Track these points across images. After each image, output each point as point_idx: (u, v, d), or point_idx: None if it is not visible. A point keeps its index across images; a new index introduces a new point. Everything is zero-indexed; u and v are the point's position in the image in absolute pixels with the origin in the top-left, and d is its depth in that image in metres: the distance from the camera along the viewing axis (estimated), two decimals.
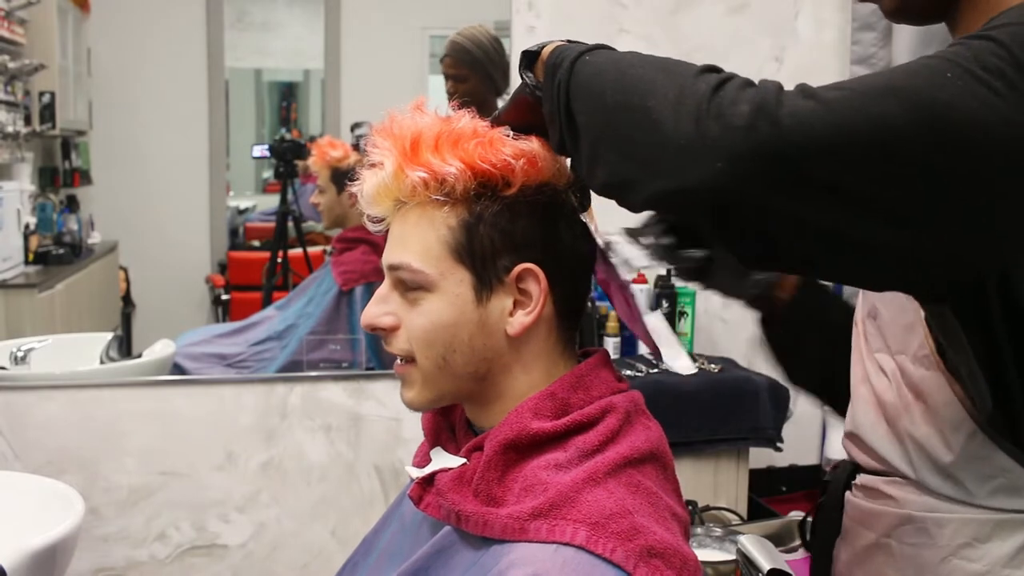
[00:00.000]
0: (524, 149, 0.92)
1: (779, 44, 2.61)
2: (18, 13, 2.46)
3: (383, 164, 0.93)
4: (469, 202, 0.92)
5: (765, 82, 0.74)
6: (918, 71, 0.73)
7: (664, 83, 0.76)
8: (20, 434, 2.23)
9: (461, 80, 2.61)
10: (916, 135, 0.70)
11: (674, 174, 0.74)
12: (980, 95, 0.70)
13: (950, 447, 0.92)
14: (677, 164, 0.73)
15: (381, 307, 0.96)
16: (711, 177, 0.71)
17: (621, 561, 0.81)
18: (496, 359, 0.94)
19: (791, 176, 0.71)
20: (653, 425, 0.96)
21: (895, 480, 0.98)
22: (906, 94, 0.71)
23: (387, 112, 0.95)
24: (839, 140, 0.70)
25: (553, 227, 0.93)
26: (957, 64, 0.72)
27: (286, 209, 2.78)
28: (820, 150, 0.70)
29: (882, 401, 1.01)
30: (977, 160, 0.71)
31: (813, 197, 0.71)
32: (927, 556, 0.91)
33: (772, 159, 0.70)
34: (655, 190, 0.76)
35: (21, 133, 2.47)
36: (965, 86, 0.70)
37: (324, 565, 2.41)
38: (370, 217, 0.97)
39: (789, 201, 0.71)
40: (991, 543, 0.90)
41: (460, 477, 0.91)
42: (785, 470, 2.53)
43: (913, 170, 0.70)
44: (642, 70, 0.79)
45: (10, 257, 2.46)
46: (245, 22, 2.82)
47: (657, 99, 0.76)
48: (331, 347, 2.58)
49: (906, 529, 0.93)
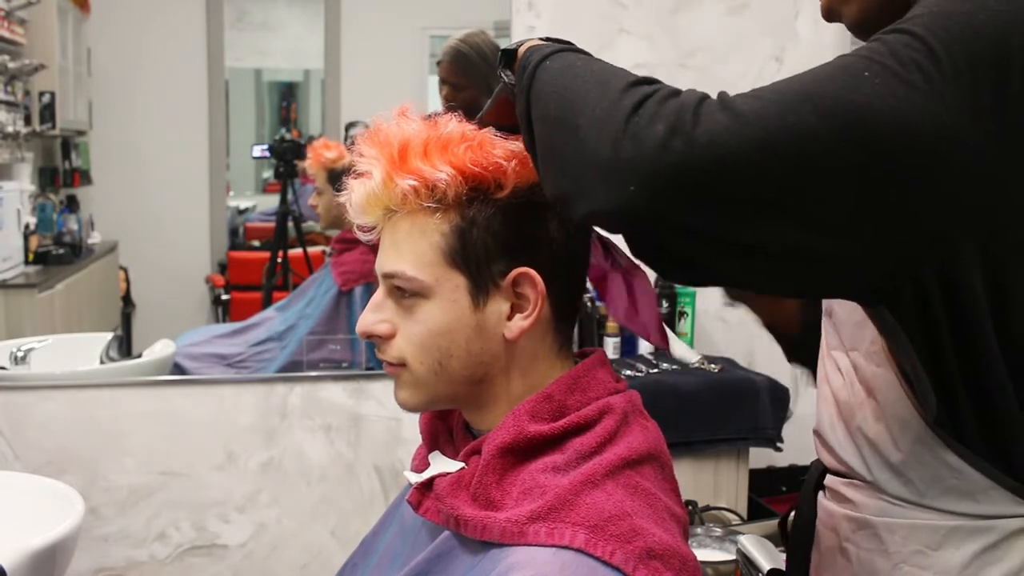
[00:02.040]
0: (514, 150, 0.92)
1: (779, 44, 2.61)
2: (18, 13, 2.46)
3: (371, 173, 0.92)
4: (461, 207, 0.91)
5: (688, 94, 0.73)
6: (833, 74, 0.72)
7: (595, 100, 0.76)
8: (20, 434, 2.23)
9: (459, 88, 2.57)
10: (835, 141, 0.69)
11: (594, 195, 0.73)
12: (899, 92, 0.69)
13: (899, 446, 0.90)
14: (596, 185, 0.73)
15: (377, 315, 0.95)
16: (625, 199, 0.70)
17: (621, 563, 0.81)
18: (493, 363, 0.93)
19: (706, 194, 0.70)
20: (651, 425, 0.96)
21: (853, 483, 0.96)
22: (823, 100, 0.70)
23: (374, 119, 0.94)
24: (756, 156, 0.69)
25: (547, 228, 0.92)
26: (873, 61, 0.71)
27: (286, 209, 2.78)
28: (736, 166, 0.69)
29: (838, 399, 0.99)
30: (902, 157, 0.70)
31: (732, 213, 0.70)
32: (880, 563, 0.90)
33: (685, 178, 0.69)
34: (583, 210, 0.76)
35: (21, 133, 2.47)
36: (883, 84, 0.69)
37: (324, 565, 2.41)
38: (360, 226, 0.96)
39: (707, 219, 0.70)
40: (943, 551, 0.87)
41: (458, 481, 0.91)
42: (785, 470, 2.53)
43: (835, 175, 0.69)
44: (582, 83, 0.79)
45: (10, 257, 2.46)
46: (245, 22, 2.82)
47: (586, 117, 0.75)
48: (331, 347, 2.58)
49: (862, 534, 0.92)
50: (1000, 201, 0.74)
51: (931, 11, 0.73)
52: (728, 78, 2.55)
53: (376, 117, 0.94)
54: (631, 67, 0.82)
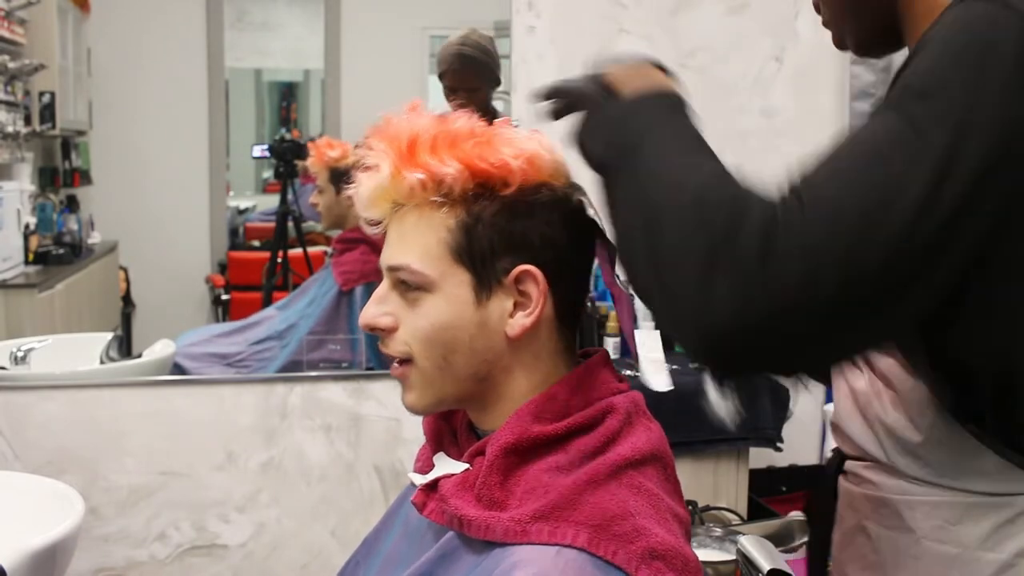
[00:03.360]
0: (523, 148, 0.92)
1: (779, 44, 2.60)
2: (18, 13, 2.46)
3: (379, 166, 0.92)
4: (468, 203, 0.91)
5: (761, 226, 0.73)
6: (885, 221, 0.72)
7: (691, 235, 0.76)
8: (20, 434, 2.23)
9: (473, 91, 2.55)
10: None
11: (686, 334, 0.77)
12: (915, 193, 0.71)
13: (918, 429, 0.93)
14: (686, 327, 0.76)
15: (380, 307, 0.95)
16: (727, 353, 0.75)
17: (623, 563, 0.81)
18: (496, 361, 0.94)
19: (793, 340, 0.73)
20: (654, 426, 0.96)
21: (872, 465, 0.99)
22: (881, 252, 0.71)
23: (383, 114, 0.94)
24: (838, 297, 0.71)
25: (553, 227, 0.92)
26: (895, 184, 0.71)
27: (286, 209, 2.78)
28: (828, 311, 0.72)
29: (855, 391, 1.03)
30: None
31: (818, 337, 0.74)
32: (902, 539, 0.92)
33: (765, 337, 0.73)
34: (672, 331, 0.80)
35: (21, 133, 2.47)
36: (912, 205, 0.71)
37: (324, 565, 2.41)
38: (367, 219, 0.96)
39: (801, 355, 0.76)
40: (962, 525, 0.91)
41: (463, 482, 0.91)
42: (785, 470, 2.53)
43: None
44: (676, 197, 0.78)
45: (10, 257, 2.46)
46: (245, 22, 2.83)
47: (669, 251, 0.77)
48: (331, 347, 2.58)
49: (883, 512, 0.95)
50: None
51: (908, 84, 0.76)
52: (728, 78, 2.55)
53: (386, 113, 0.94)
54: None
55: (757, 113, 2.58)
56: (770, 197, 0.75)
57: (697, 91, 0.97)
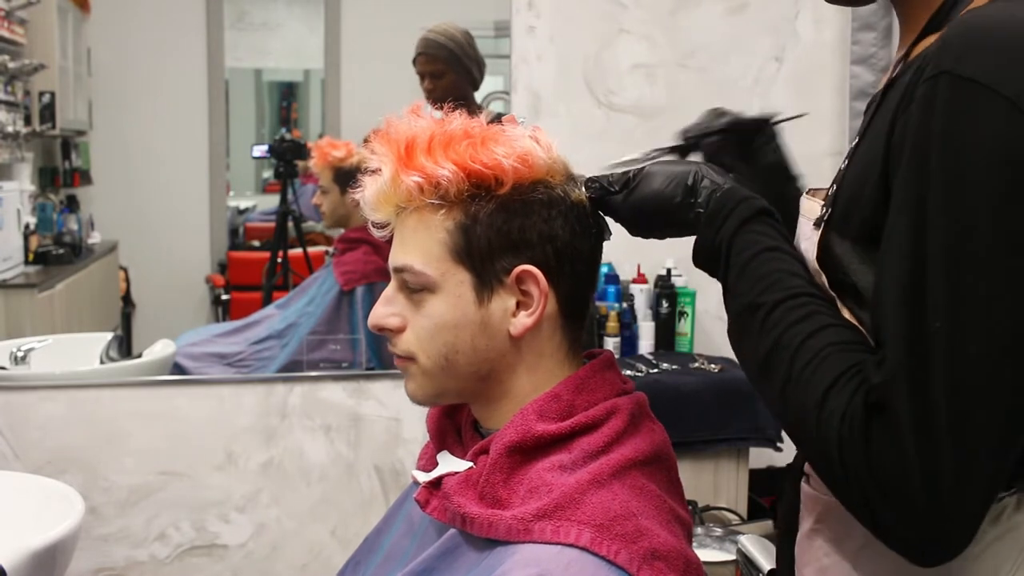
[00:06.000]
0: (516, 147, 0.92)
1: (779, 44, 2.60)
2: (18, 13, 2.46)
3: (381, 170, 0.93)
4: (464, 204, 0.92)
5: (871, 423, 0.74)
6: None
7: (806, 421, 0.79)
8: (20, 434, 2.23)
9: (438, 76, 2.62)
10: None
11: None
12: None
13: None
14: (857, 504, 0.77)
15: (388, 308, 0.96)
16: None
17: (625, 563, 0.82)
18: (499, 359, 0.94)
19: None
20: (657, 428, 0.96)
21: None
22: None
23: (385, 116, 0.95)
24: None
25: (550, 225, 0.93)
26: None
27: (286, 209, 2.78)
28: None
29: None
30: None
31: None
32: (847, 544, 0.91)
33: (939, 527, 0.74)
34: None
35: (21, 133, 2.47)
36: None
37: (324, 565, 2.41)
38: (374, 223, 0.97)
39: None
40: None
41: (466, 480, 0.91)
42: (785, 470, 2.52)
43: None
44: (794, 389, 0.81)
45: (10, 257, 2.46)
46: (245, 22, 2.83)
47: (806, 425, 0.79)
48: (331, 347, 2.58)
49: (832, 516, 0.93)
50: None
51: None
52: (728, 78, 2.55)
53: (388, 116, 0.95)
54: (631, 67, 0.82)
55: (757, 113, 2.58)
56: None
57: (697, 91, 0.97)
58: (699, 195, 0.93)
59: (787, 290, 0.83)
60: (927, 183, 0.72)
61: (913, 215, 0.73)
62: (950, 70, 0.72)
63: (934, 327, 0.71)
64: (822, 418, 0.76)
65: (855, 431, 0.74)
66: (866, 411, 0.74)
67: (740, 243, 0.88)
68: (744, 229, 0.89)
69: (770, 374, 0.82)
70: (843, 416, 0.74)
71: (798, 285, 0.84)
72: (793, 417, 0.80)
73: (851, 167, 0.87)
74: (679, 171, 0.95)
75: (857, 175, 0.84)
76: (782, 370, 0.81)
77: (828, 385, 0.76)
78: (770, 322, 0.83)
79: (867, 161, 0.82)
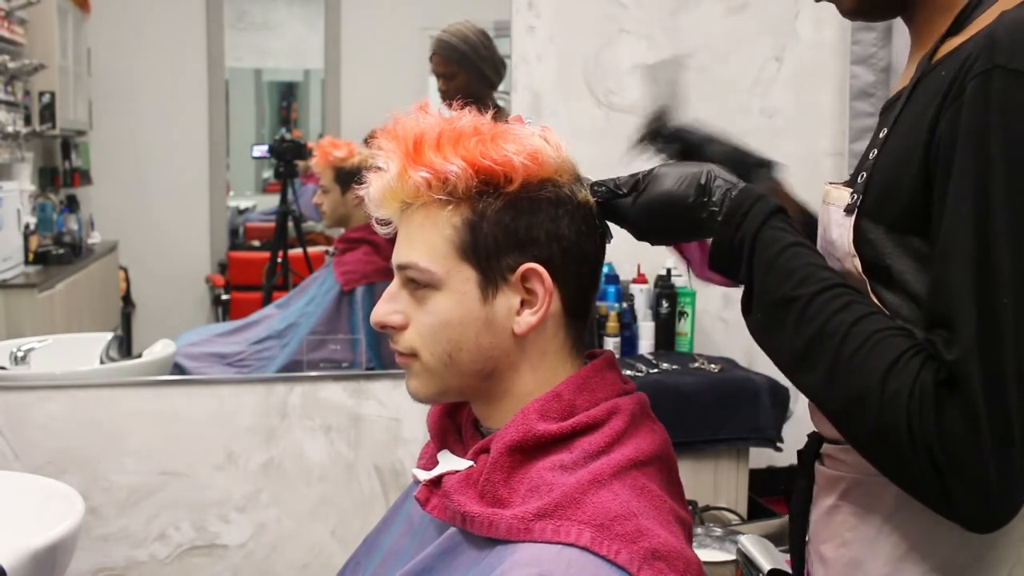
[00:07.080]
0: (526, 145, 0.92)
1: (779, 44, 2.61)
2: (18, 13, 2.46)
3: (387, 166, 0.93)
4: (472, 200, 0.92)
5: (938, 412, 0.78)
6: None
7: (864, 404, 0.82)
8: (20, 434, 2.23)
9: (450, 77, 2.62)
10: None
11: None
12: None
13: None
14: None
15: (391, 305, 0.96)
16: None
17: (625, 563, 0.81)
18: (503, 357, 0.94)
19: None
20: (658, 428, 0.96)
21: (849, 448, 0.99)
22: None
23: (392, 113, 0.95)
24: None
25: (557, 224, 0.93)
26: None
27: (286, 209, 2.78)
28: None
29: None
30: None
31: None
32: (871, 519, 0.92)
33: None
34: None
35: (21, 133, 2.47)
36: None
37: (324, 565, 2.41)
38: (378, 220, 0.97)
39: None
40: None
41: (467, 479, 0.91)
42: (785, 470, 2.53)
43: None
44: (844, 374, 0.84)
45: (10, 257, 2.46)
46: (245, 22, 2.82)
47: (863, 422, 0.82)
48: (331, 347, 2.58)
49: (855, 492, 0.95)
50: None
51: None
52: (728, 78, 2.55)
53: (395, 112, 0.95)
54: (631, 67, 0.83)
55: (757, 113, 2.58)
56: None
57: (697, 91, 0.98)
58: (713, 194, 0.93)
59: (822, 282, 0.86)
60: (989, 171, 0.77)
61: (976, 202, 0.77)
62: (1004, 65, 0.77)
63: (1002, 303, 0.75)
64: (886, 397, 0.79)
65: (925, 406, 0.77)
66: (936, 388, 0.77)
67: (764, 240, 0.90)
68: (767, 226, 0.90)
69: (813, 362, 0.85)
70: (911, 393, 0.78)
71: (830, 277, 0.87)
72: (845, 400, 0.83)
73: (881, 157, 0.90)
74: (691, 171, 0.95)
75: (890, 165, 0.88)
76: (828, 357, 0.83)
77: (887, 367, 0.80)
78: (809, 313, 0.85)
79: (902, 152, 0.86)
